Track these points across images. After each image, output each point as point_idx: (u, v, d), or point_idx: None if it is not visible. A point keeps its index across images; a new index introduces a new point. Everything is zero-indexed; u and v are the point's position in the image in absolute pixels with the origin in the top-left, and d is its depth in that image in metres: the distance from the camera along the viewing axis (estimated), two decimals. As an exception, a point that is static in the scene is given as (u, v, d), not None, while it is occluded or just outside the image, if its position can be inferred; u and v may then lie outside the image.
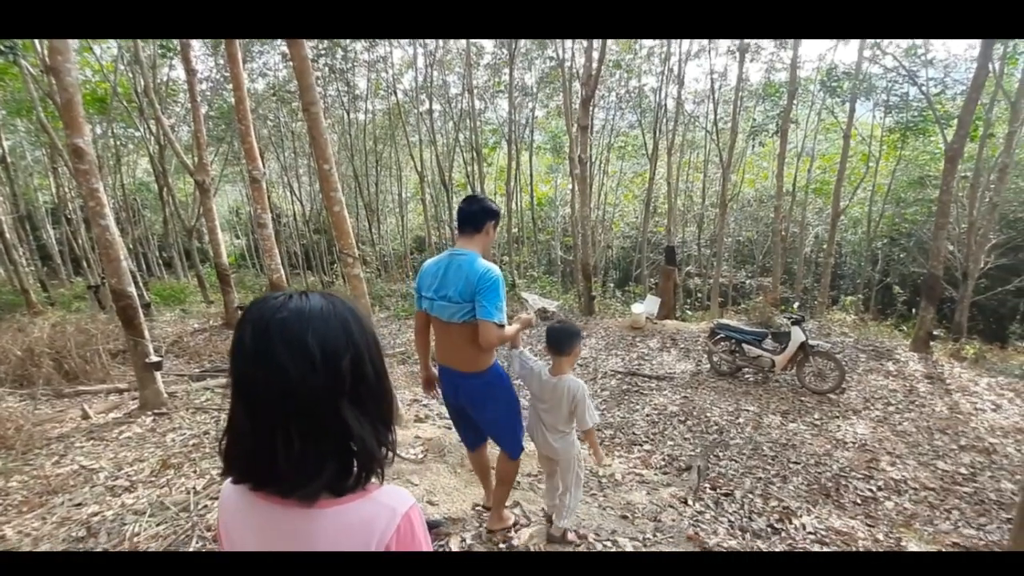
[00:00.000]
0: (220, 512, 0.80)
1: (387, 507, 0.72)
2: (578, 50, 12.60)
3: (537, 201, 21.10)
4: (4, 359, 5.46)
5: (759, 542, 3.03)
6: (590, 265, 10.51)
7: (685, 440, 4.94)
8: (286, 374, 0.65)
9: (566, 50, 13.30)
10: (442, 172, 16.02)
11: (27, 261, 13.10)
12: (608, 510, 3.20)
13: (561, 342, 2.32)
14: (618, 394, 6.18)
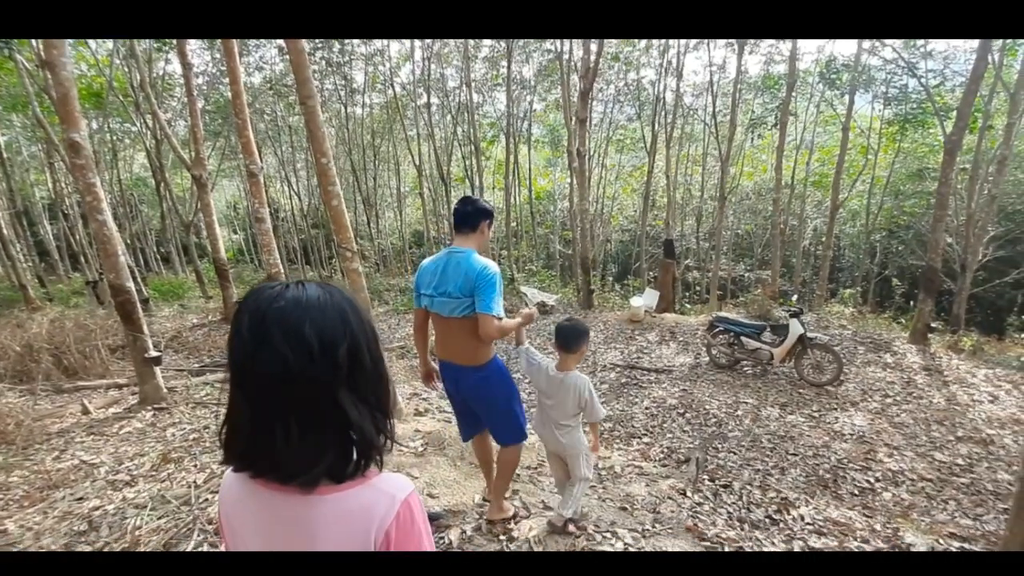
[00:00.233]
0: (220, 503, 0.80)
1: (386, 494, 0.72)
2: (576, 43, 12.54)
3: (536, 195, 21.06)
4: (3, 355, 5.46)
5: (758, 533, 3.05)
6: (589, 259, 10.50)
7: (684, 432, 4.96)
8: (285, 363, 0.65)
9: (564, 43, 13.23)
10: (440, 166, 15.97)
11: (24, 257, 13.05)
12: (608, 502, 3.22)
13: (570, 340, 2.39)
14: (617, 387, 6.20)
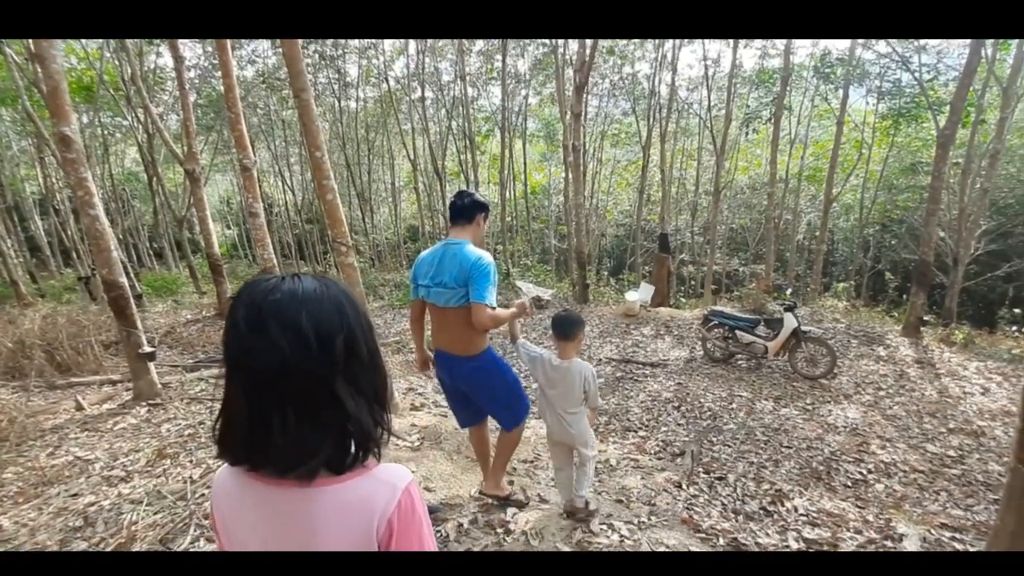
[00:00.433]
0: (214, 499, 0.79)
1: (387, 484, 0.72)
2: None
3: (531, 189, 21.00)
4: (-5, 351, 5.42)
5: (752, 524, 3.08)
6: (584, 253, 10.52)
7: (679, 426, 4.99)
8: (282, 355, 0.65)
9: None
10: (435, 160, 15.90)
11: (15, 252, 12.93)
12: (604, 495, 3.24)
13: (567, 328, 2.49)
14: (613, 381, 6.22)
